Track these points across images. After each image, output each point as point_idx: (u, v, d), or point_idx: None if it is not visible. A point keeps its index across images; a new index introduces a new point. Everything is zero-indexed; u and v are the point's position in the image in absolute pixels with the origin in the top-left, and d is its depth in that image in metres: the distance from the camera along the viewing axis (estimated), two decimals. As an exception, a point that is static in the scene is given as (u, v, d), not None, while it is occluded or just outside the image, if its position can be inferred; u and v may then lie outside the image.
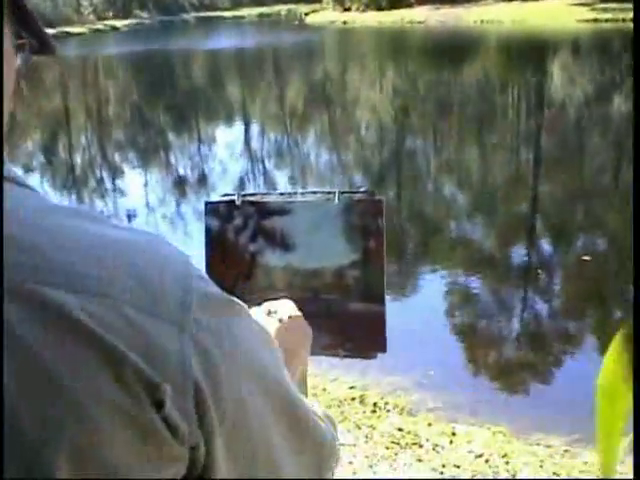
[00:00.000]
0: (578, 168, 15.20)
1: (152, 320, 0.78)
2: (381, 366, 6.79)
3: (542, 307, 10.47)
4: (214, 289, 0.89)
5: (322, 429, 1.06)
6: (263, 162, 17.76)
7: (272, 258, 1.71)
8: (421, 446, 5.34)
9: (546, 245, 12.90)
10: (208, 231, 1.75)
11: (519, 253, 12.83)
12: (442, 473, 4.91)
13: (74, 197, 15.35)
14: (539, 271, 10.72)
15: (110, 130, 23.21)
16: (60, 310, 0.74)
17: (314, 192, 1.75)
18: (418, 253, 12.27)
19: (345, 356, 1.75)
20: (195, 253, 1.98)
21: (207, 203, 1.76)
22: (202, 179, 16.16)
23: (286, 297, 1.64)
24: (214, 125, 23.06)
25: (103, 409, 0.74)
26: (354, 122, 21.78)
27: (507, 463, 5.11)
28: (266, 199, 1.74)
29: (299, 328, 1.45)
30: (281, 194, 1.74)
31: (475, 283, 11.22)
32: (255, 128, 22.38)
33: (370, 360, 1.78)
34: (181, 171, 17.34)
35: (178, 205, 14.21)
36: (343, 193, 1.70)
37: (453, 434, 5.62)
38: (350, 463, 5.13)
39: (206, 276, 0.91)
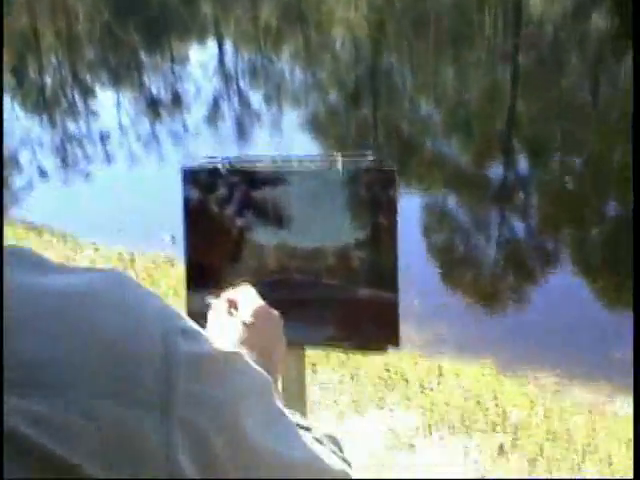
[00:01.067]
0: (556, 86, 14.78)
1: (127, 411, 0.62)
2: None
3: (519, 226, 10.31)
4: (204, 345, 0.71)
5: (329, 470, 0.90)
6: (237, 81, 17.22)
7: (264, 235, 1.46)
8: (408, 385, 5.05)
9: (523, 163, 12.66)
10: (187, 203, 1.49)
11: (496, 171, 12.60)
12: (432, 413, 4.63)
13: (45, 119, 14.85)
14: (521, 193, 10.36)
15: (81, 50, 22.43)
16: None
17: (312, 158, 1.45)
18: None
19: (351, 349, 1.56)
20: (173, 187, 1.62)
21: (185, 170, 1.47)
22: (176, 99, 15.64)
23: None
24: (187, 44, 22.32)
25: None
26: (329, 40, 21.14)
27: (497, 404, 4.83)
28: (256, 167, 1.45)
29: (265, 324, 1.20)
30: (273, 160, 1.45)
31: (452, 202, 11.04)
32: (229, 47, 21.71)
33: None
34: (154, 91, 16.78)
35: (152, 126, 13.76)
36: (346, 157, 1.39)
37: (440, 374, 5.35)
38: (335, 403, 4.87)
39: (190, 324, 0.72)
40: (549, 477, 3.98)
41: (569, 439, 4.40)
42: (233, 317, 1.19)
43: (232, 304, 1.22)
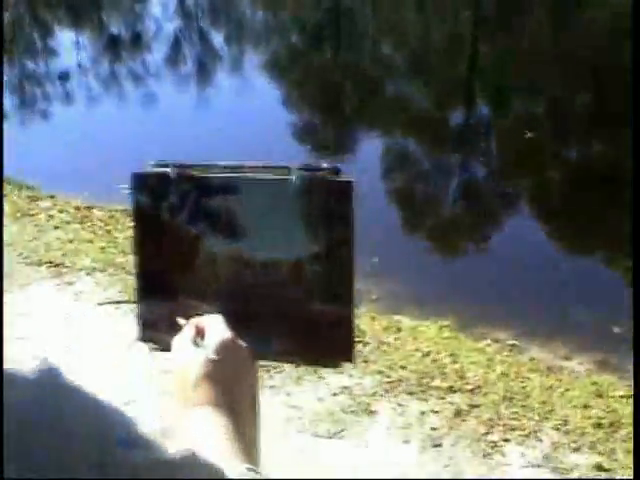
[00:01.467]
0: (518, 29, 14.61)
1: None
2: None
3: (479, 171, 10.28)
4: (147, 453, 0.66)
5: None
6: (198, 20, 16.85)
7: (215, 246, 1.37)
8: (366, 344, 4.99)
9: (484, 108, 12.59)
10: (136, 208, 1.40)
11: (457, 115, 12.52)
12: (389, 376, 4.58)
13: (5, 59, 14.43)
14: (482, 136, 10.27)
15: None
16: None
17: (265, 167, 1.36)
18: (356, 114, 11.88)
19: (303, 364, 1.47)
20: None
21: (134, 175, 1.40)
22: (136, 38, 15.27)
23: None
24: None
25: None
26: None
27: (455, 362, 4.80)
28: (207, 173, 1.37)
29: (232, 359, 1.16)
30: (224, 167, 1.37)
31: (412, 145, 10.98)
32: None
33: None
34: (114, 30, 16.36)
35: (112, 66, 13.45)
36: (302, 170, 1.32)
37: (398, 329, 5.30)
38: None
39: (134, 429, 0.68)
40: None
41: (526, 400, 4.38)
42: (198, 348, 1.15)
43: (199, 332, 1.18)
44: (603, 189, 7.80)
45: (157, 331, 1.47)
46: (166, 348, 1.48)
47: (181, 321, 1.24)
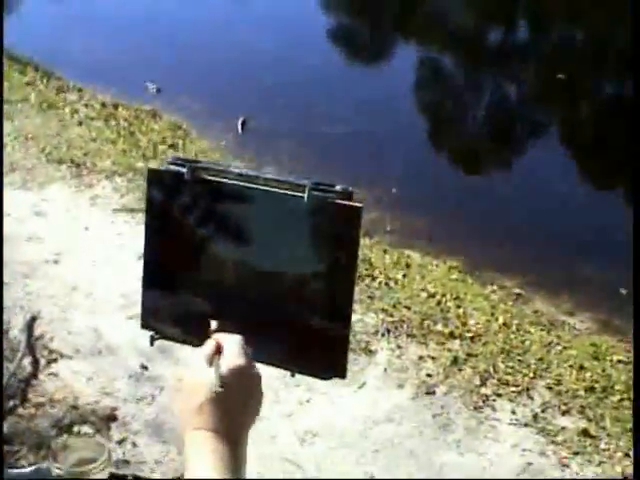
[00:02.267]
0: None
1: None
2: (342, 176, 6.38)
3: (512, 92, 10.13)
4: None
5: None
6: None
7: (223, 249, 1.39)
8: (374, 279, 5.01)
9: (524, 31, 12.29)
10: (150, 203, 1.44)
11: (496, 35, 12.26)
12: (392, 315, 4.61)
13: None
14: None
15: None
16: None
17: (280, 181, 1.35)
18: (395, 23, 11.63)
19: (297, 373, 1.45)
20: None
21: (150, 170, 1.43)
22: None
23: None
24: None
25: None
26: None
27: (459, 307, 4.81)
28: (221, 179, 1.38)
29: (241, 386, 1.15)
30: (240, 174, 1.37)
31: (447, 62, 10.80)
32: None
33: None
34: None
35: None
36: (315, 189, 1.32)
37: (407, 265, 5.30)
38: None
39: None
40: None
41: (523, 355, 4.41)
42: (211, 369, 1.14)
43: (217, 351, 1.18)
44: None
45: (159, 320, 1.52)
46: (166, 337, 1.53)
47: (213, 324, 1.24)
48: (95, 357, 3.96)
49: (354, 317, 4.45)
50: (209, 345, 1.19)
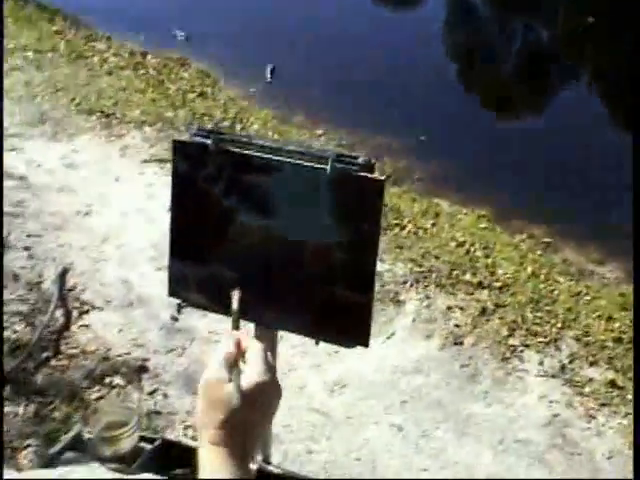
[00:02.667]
0: None
1: None
2: (372, 123, 6.33)
3: (543, 34, 9.95)
4: None
5: None
6: None
7: (248, 219, 1.44)
8: (403, 228, 4.98)
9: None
10: (176, 174, 1.51)
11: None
12: (421, 265, 4.59)
13: None
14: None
15: None
16: None
17: (303, 152, 1.39)
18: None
19: (321, 341, 1.53)
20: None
21: (175, 141, 1.53)
22: None
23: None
24: None
25: None
26: None
27: (487, 256, 4.78)
28: (246, 150, 1.42)
29: (261, 404, 1.07)
30: (263, 146, 1.41)
31: (479, 3, 10.63)
32: None
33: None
34: None
35: None
36: (338, 161, 1.35)
37: (436, 214, 5.27)
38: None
39: None
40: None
41: (552, 305, 4.38)
42: (230, 383, 1.05)
43: (239, 355, 1.09)
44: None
45: (186, 289, 1.55)
46: (193, 305, 1.55)
47: (235, 295, 1.19)
48: (126, 309, 4.00)
49: (383, 267, 4.46)
50: (229, 346, 1.10)
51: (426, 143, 6.11)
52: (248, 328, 1.23)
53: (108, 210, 4.80)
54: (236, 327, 1.14)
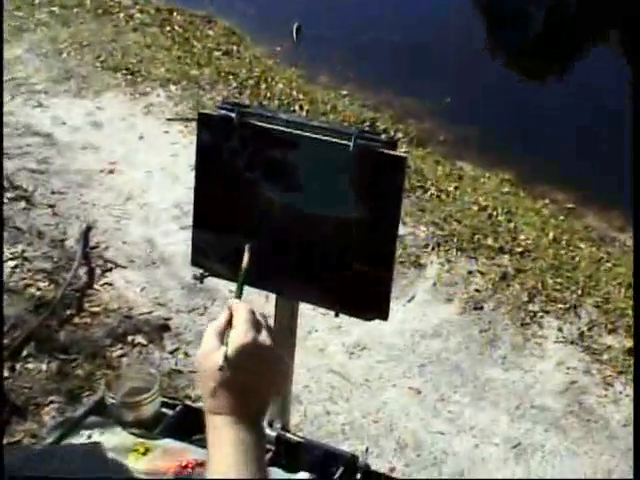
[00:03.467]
0: None
1: None
2: (397, 84, 6.28)
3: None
4: None
5: None
6: None
7: (270, 192, 1.44)
8: (426, 191, 4.96)
9: None
10: (200, 145, 1.49)
11: None
12: (442, 229, 4.57)
13: None
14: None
15: None
16: None
17: (327, 129, 1.39)
18: None
19: (341, 313, 1.53)
20: None
21: (200, 113, 1.50)
22: None
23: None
24: None
25: None
26: None
27: (509, 221, 4.76)
28: (269, 124, 1.42)
29: (250, 363, 1.05)
30: (287, 121, 1.40)
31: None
32: None
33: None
34: None
35: None
36: (361, 137, 1.35)
37: (459, 177, 5.24)
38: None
39: None
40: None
41: (572, 271, 4.36)
42: (221, 349, 1.05)
43: (229, 323, 1.09)
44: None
45: (208, 258, 1.57)
46: (214, 275, 1.57)
47: (246, 251, 1.19)
48: (149, 267, 4.01)
49: (405, 230, 4.44)
50: (222, 318, 1.10)
51: (451, 105, 6.05)
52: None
53: (132, 168, 4.80)
54: (240, 289, 1.14)
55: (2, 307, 3.17)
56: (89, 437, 1.69)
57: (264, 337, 1.07)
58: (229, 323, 1.08)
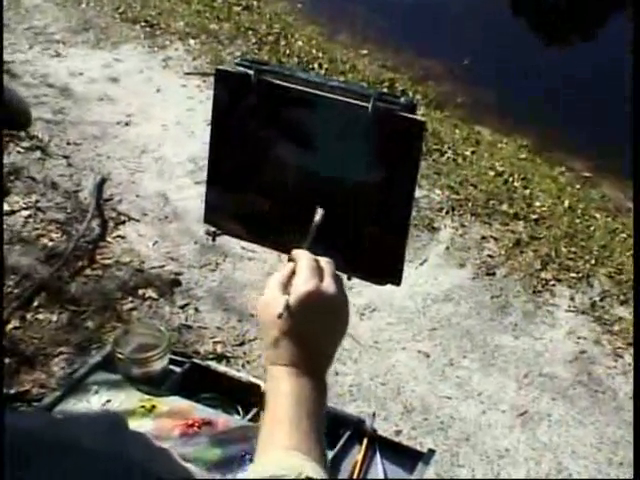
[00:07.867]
0: None
1: None
2: (417, 45, 6.19)
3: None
4: None
5: None
6: None
7: (286, 153, 1.39)
8: (443, 154, 4.90)
9: None
10: (216, 103, 1.44)
11: None
12: (458, 193, 4.52)
13: None
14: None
15: None
16: None
17: (345, 89, 1.34)
18: None
19: (353, 277, 1.45)
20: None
21: (218, 70, 1.43)
22: None
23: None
24: None
25: None
26: None
27: (525, 187, 4.70)
28: (287, 83, 1.37)
29: (314, 314, 1.03)
30: (306, 80, 1.36)
31: None
32: None
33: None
34: None
35: None
36: (380, 100, 1.30)
37: (477, 142, 5.17)
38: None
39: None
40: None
41: (587, 240, 4.32)
42: (282, 298, 1.03)
43: (291, 276, 1.07)
44: None
45: (221, 217, 1.54)
46: (227, 233, 1.55)
47: (318, 212, 1.18)
48: (162, 222, 3.98)
49: (420, 193, 4.40)
50: (286, 268, 1.08)
51: (471, 68, 5.96)
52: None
53: (148, 121, 4.75)
54: (308, 244, 1.12)
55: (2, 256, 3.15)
56: (96, 392, 1.67)
57: (327, 284, 1.04)
58: (293, 273, 1.06)
